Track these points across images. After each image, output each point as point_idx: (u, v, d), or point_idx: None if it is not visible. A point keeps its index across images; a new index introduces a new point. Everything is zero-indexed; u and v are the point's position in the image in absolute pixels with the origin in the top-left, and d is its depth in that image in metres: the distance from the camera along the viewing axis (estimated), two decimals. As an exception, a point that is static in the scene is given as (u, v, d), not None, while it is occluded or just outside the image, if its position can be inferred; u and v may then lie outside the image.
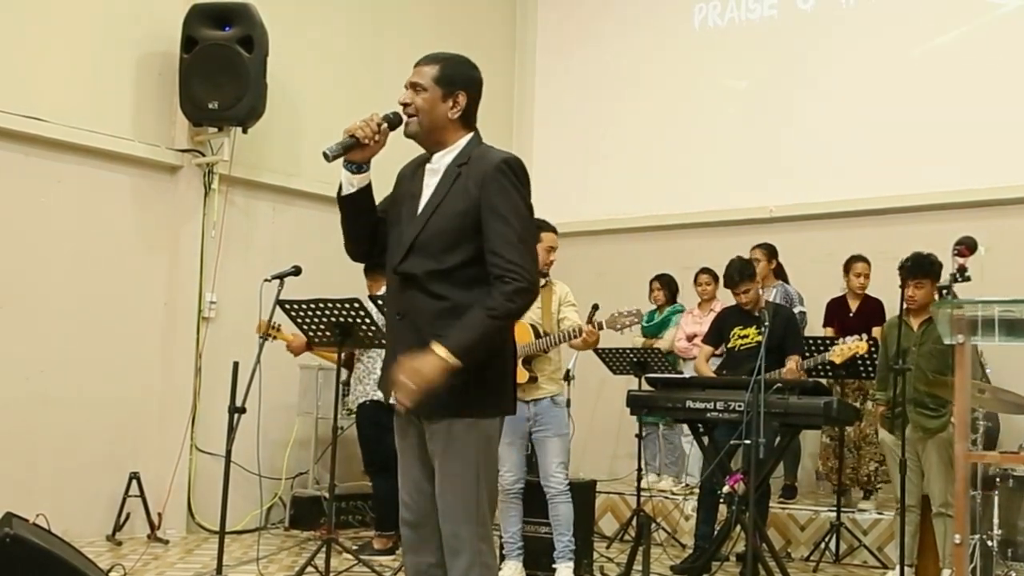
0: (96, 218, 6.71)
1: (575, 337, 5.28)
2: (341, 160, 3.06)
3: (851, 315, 7.22)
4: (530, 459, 5.72)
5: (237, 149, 7.06)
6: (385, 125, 3.04)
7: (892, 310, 6.15)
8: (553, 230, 5.53)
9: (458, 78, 3.08)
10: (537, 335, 5.35)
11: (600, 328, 5.27)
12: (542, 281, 5.52)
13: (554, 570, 5.47)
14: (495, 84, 9.45)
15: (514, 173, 3.00)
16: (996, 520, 4.91)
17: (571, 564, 5.44)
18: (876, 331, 6.49)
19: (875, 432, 6.52)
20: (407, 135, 3.10)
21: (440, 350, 2.86)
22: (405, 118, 3.07)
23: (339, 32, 8.16)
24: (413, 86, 3.08)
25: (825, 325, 7.36)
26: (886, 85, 8.02)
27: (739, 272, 5.99)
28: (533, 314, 5.44)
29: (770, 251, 7.39)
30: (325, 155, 3.00)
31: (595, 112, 9.47)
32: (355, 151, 3.03)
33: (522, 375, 5.30)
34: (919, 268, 5.50)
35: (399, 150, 3.25)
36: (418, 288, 3.02)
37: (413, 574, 3.18)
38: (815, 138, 8.30)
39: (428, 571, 3.13)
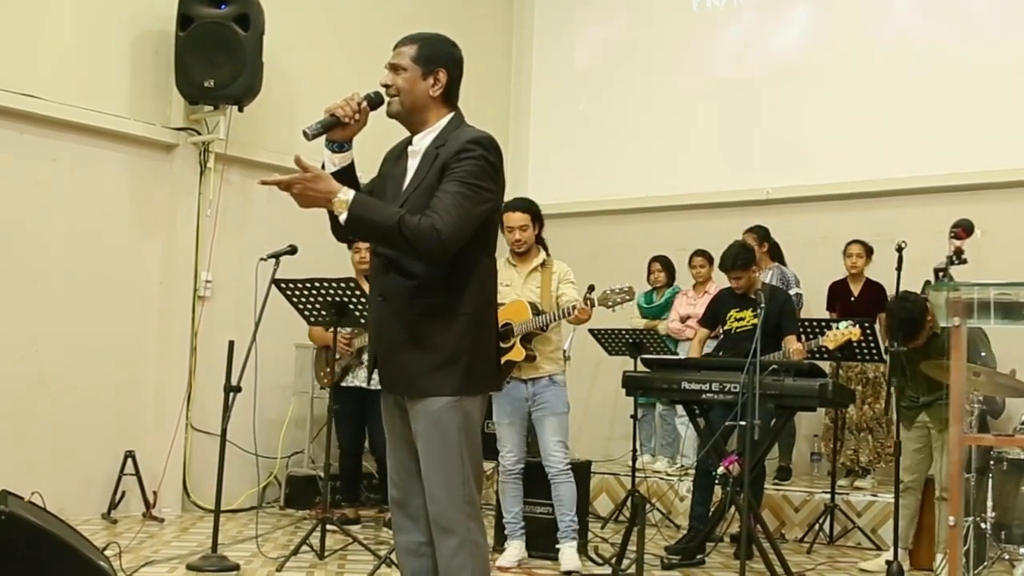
0: (91, 197, 6.68)
1: (570, 314, 5.26)
2: (324, 139, 3.05)
3: (852, 299, 7.23)
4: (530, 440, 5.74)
5: (233, 128, 7.04)
6: (365, 104, 3.04)
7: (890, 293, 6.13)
8: (522, 209, 5.39)
9: (437, 56, 3.09)
10: (536, 313, 5.33)
11: (592, 305, 5.25)
12: (540, 259, 5.52)
13: (558, 550, 5.48)
14: (492, 65, 9.57)
15: (481, 147, 2.99)
16: (990, 503, 4.93)
17: (575, 543, 5.46)
18: (881, 317, 6.50)
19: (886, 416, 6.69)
20: (389, 115, 3.11)
21: (345, 194, 2.87)
22: (387, 99, 3.07)
23: (335, 10, 8.11)
24: (393, 67, 3.08)
25: (828, 308, 7.37)
26: (884, 68, 7.99)
27: (732, 259, 5.96)
28: (532, 293, 5.43)
29: (762, 234, 7.36)
30: (305, 134, 2.98)
31: (592, 92, 9.43)
32: (336, 130, 3.03)
33: (519, 353, 5.30)
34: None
35: (388, 131, 3.24)
36: (395, 269, 3.04)
37: (404, 553, 3.19)
38: (812, 120, 8.27)
39: (418, 550, 3.14)
